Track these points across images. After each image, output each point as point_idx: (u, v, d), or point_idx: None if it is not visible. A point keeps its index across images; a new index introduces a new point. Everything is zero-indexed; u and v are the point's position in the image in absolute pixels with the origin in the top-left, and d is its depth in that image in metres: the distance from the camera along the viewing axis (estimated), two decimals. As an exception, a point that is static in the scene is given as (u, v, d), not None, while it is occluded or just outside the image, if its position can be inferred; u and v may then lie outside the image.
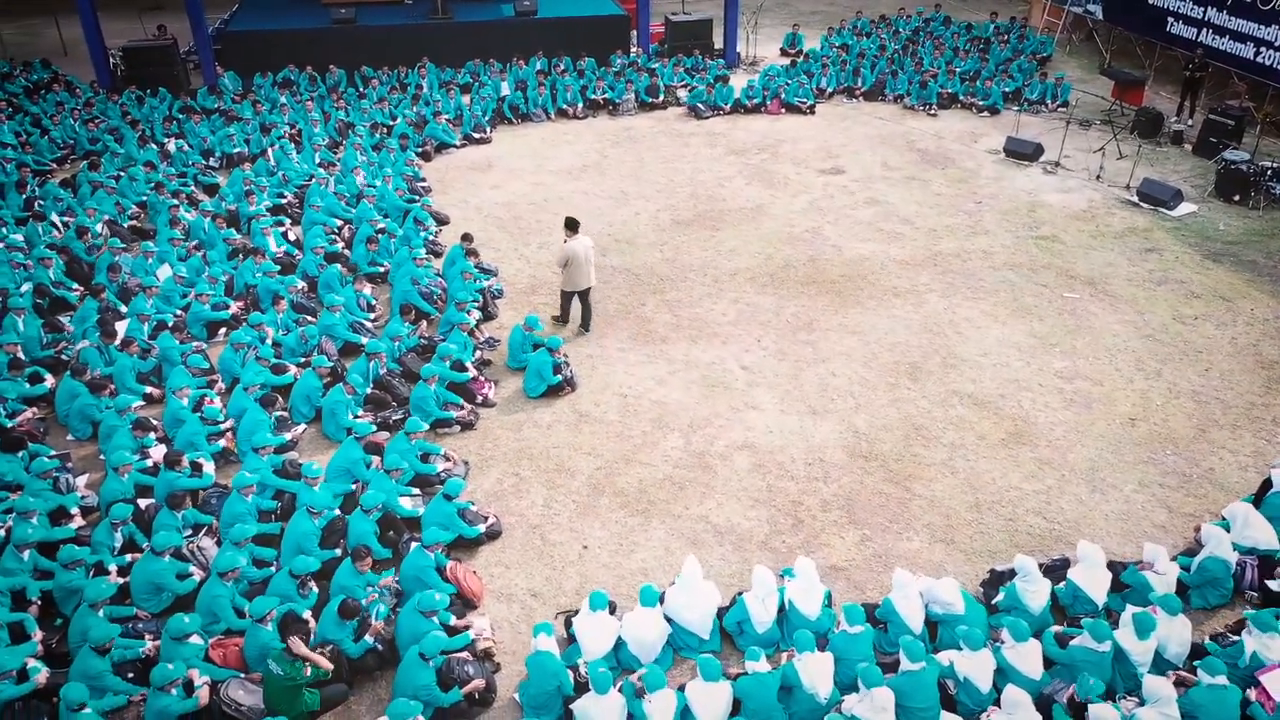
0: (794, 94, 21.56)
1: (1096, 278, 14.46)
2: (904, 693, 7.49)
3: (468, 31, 23.29)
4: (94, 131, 18.61)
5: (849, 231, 15.97)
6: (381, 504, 9.22)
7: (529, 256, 15.11)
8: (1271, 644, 7.74)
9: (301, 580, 8.51)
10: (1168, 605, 8.05)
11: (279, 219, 15.30)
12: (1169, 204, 16.53)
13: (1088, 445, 10.87)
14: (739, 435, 11.10)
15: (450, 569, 8.83)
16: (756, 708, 7.50)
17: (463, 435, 11.14)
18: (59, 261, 13.68)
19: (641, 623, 8.08)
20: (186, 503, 9.25)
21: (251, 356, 11.50)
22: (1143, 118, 19.72)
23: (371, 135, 18.75)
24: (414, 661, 7.66)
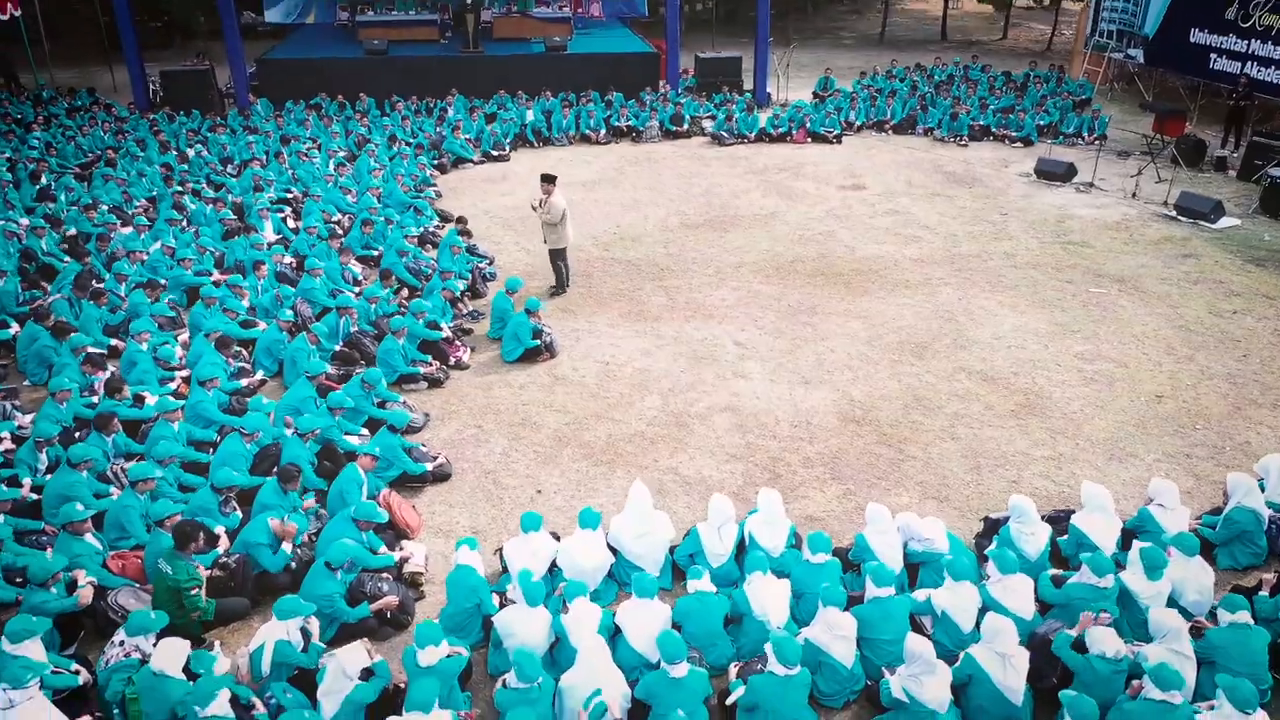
0: (820, 123, 21.20)
1: (1127, 276, 13.52)
2: (869, 622, 6.53)
3: (499, 65, 23.52)
4: (121, 142, 18.87)
5: (864, 235, 15.29)
6: (319, 430, 8.58)
7: (529, 249, 14.66)
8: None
9: (224, 497, 7.88)
10: (1183, 544, 6.98)
11: (280, 207, 15.11)
12: (1209, 216, 15.58)
13: (1107, 418, 9.85)
14: (723, 399, 10.31)
15: (384, 496, 8.10)
16: (698, 631, 6.57)
17: (429, 392, 10.51)
18: (53, 234, 13.56)
19: (579, 548, 7.24)
20: (116, 426, 8.67)
21: (216, 307, 11.07)
22: (1184, 145, 18.90)
23: (389, 148, 18.71)
24: (319, 571, 6.92)
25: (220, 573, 7.07)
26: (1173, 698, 5.65)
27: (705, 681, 6.09)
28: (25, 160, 17.29)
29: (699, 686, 5.99)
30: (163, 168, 17.10)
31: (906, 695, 5.92)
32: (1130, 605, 6.75)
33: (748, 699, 6.05)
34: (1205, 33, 21.66)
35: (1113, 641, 6.03)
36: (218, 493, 7.86)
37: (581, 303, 12.78)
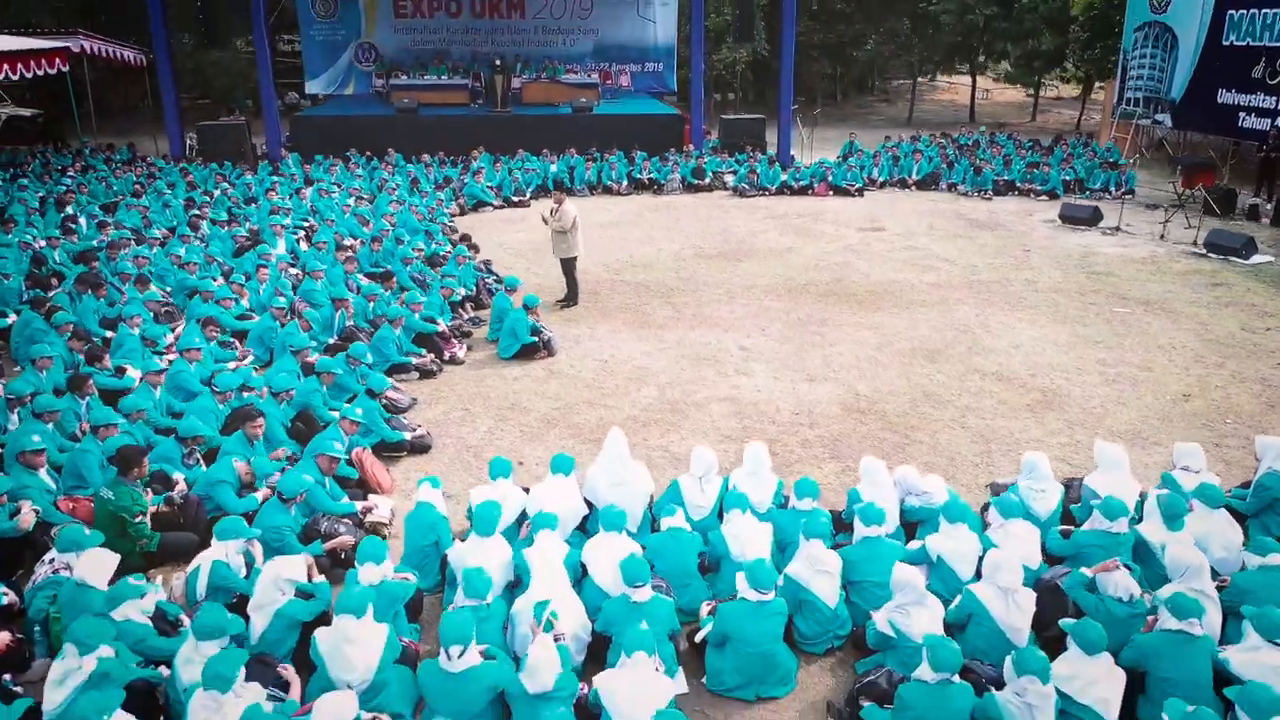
0: (842, 177, 21.15)
1: (1153, 300, 13.02)
2: (855, 563, 6.00)
3: (525, 124, 23.94)
4: (151, 183, 19.26)
5: (880, 265, 14.98)
6: (292, 390, 8.29)
7: (539, 272, 14.49)
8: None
9: (189, 449, 7.56)
10: (1206, 495, 6.36)
11: (296, 230, 15.18)
12: (1241, 252, 15.09)
13: (1129, 413, 9.28)
14: (722, 391, 9.89)
15: (357, 453, 7.72)
16: (670, 570, 6.06)
17: (420, 381, 10.20)
18: (67, 244, 13.67)
19: (549, 495, 6.75)
20: (91, 388, 8.41)
21: (213, 300, 10.96)
22: (1214, 194, 18.52)
23: (410, 190, 18.88)
24: (272, 503, 6.51)
25: (166, 507, 6.70)
26: (1191, 627, 5.04)
27: (670, 611, 5.55)
28: (55, 194, 17.64)
29: (663, 614, 5.46)
30: (186, 202, 17.34)
31: (894, 629, 5.35)
32: (1149, 559, 6.13)
33: (717, 630, 5.51)
34: (1233, 92, 21.52)
35: (1126, 583, 5.44)
36: (182, 443, 7.55)
37: (585, 314, 12.53)
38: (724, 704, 5.45)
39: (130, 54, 25.55)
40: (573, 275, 12.91)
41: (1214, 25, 22.00)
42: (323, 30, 29.23)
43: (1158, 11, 23.93)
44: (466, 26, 29.63)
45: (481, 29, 29.58)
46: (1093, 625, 4.95)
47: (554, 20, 29.82)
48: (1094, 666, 4.83)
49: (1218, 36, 21.93)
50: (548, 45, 29.66)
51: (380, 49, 29.28)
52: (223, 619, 4.96)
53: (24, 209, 16.01)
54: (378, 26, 29.43)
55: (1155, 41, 24.13)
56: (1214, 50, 22.07)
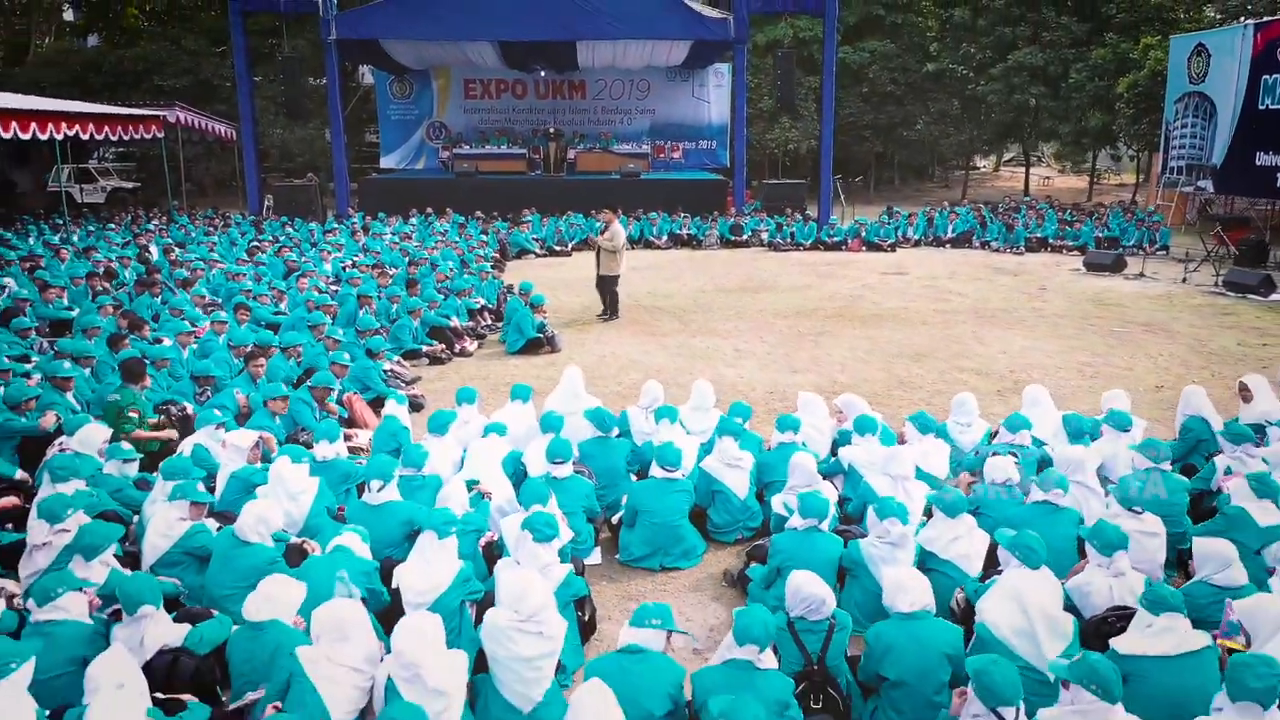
0: (875, 233, 21.77)
1: (1155, 323, 13.22)
2: (770, 465, 6.53)
3: (576, 188, 25.28)
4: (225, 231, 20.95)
5: (894, 298, 15.45)
6: (300, 347, 9.17)
7: (570, 301, 15.32)
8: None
9: (201, 388, 8.45)
10: (1115, 420, 6.72)
11: (345, 259, 16.39)
12: (1259, 290, 15.17)
13: (1096, 399, 9.44)
14: (707, 377, 10.40)
15: (349, 398, 8.52)
16: (599, 470, 6.65)
17: (428, 366, 11.03)
18: (137, 265, 15.07)
19: (508, 419, 7.41)
20: (125, 344, 9.42)
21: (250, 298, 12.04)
22: (1245, 247, 18.59)
23: (457, 233, 20.13)
24: (260, 411, 7.31)
25: (161, 417, 7.54)
26: (1055, 497, 5.40)
27: (589, 490, 6.12)
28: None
29: (580, 491, 6.02)
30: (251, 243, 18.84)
31: (787, 509, 5.79)
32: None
33: (629, 506, 6.04)
34: (1270, 154, 21.62)
35: (1007, 470, 5.81)
36: (196, 382, 8.45)
37: (596, 328, 13.24)
38: (632, 573, 5.94)
39: (222, 128, 27.91)
40: (614, 292, 13.72)
41: (1250, 91, 22.27)
42: (398, 110, 31.44)
43: (1196, 82, 24.31)
44: (531, 106, 31.50)
45: (544, 109, 31.40)
46: (953, 492, 5.35)
47: (613, 100, 31.50)
48: (955, 527, 5.20)
49: (1254, 102, 22.18)
50: (607, 123, 31.27)
51: (450, 127, 31.27)
52: (188, 463, 5.71)
53: (106, 244, 17.66)
54: (449, 107, 31.49)
55: (1195, 111, 24.43)
56: (1250, 115, 22.27)
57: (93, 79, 32.34)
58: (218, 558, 4.96)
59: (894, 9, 34.15)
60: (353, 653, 3.85)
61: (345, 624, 3.89)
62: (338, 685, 3.75)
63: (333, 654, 3.80)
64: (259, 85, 31.38)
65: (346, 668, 3.80)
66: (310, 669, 3.74)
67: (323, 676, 3.73)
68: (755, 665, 3.87)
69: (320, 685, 3.70)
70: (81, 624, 4.17)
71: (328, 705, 3.66)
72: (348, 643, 3.86)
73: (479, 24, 22.99)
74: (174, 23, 36.05)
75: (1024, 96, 31.10)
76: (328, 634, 3.85)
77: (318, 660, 3.78)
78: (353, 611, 3.99)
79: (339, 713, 3.70)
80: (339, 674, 3.77)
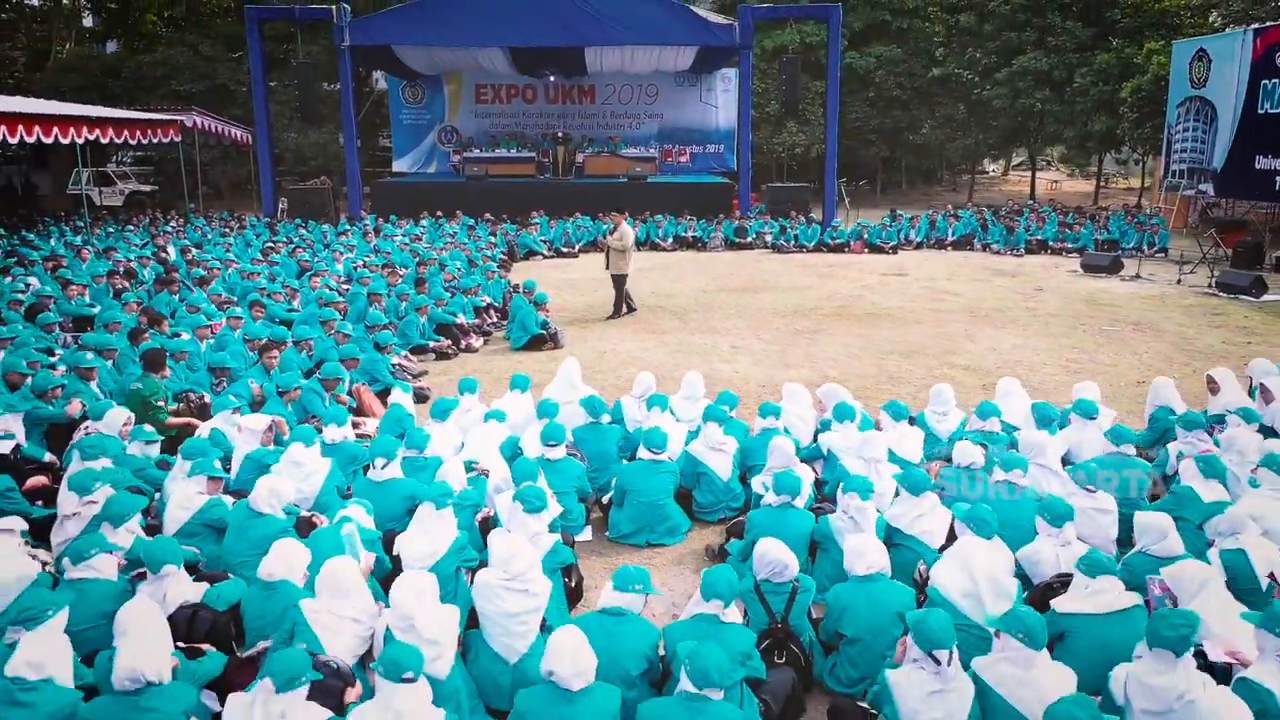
0: (877, 235, 22.11)
1: (1145, 321, 13.53)
2: (753, 450, 6.86)
3: (584, 191, 25.74)
4: (240, 233, 21.46)
5: (891, 297, 15.80)
6: (311, 340, 9.60)
7: (574, 300, 15.74)
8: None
9: (218, 379, 8.88)
10: (1081, 408, 7.07)
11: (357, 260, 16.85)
12: (1251, 291, 15.45)
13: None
14: (702, 371, 10.79)
15: (358, 388, 8.93)
16: (591, 454, 7.01)
17: (436, 361, 11.44)
18: (156, 266, 15.56)
19: (508, 406, 7.80)
20: (146, 337, 9.89)
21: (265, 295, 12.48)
22: (1241, 249, 18.86)
23: (466, 235, 20.58)
24: (273, 399, 7.73)
25: (179, 403, 7.97)
26: (1015, 478, 5.75)
27: (581, 470, 6.50)
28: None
29: (573, 472, 6.41)
30: (266, 244, 19.33)
31: (765, 489, 6.15)
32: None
33: (618, 486, 6.42)
34: (1269, 158, 21.85)
35: (972, 454, 6.16)
36: (213, 373, 8.88)
37: (601, 324, 13.66)
38: (620, 549, 6.32)
39: (238, 132, 28.49)
40: (624, 290, 14.16)
41: (1250, 95, 22.53)
42: (411, 115, 31.98)
43: (1197, 86, 24.57)
44: (541, 111, 31.99)
45: (554, 113, 31.87)
46: (917, 471, 5.72)
47: (622, 105, 31.95)
48: (919, 505, 5.55)
49: (1253, 106, 22.43)
50: (615, 128, 31.71)
51: (461, 131, 31.78)
52: (205, 444, 6.13)
53: (126, 245, 18.19)
54: (460, 111, 32.03)
55: (1196, 115, 24.68)
56: (1250, 119, 22.53)
57: (112, 84, 32.98)
58: (233, 528, 5.37)
59: (900, 14, 34.49)
60: (351, 606, 4.24)
61: (344, 581, 4.28)
62: (337, 634, 4.14)
63: (332, 606, 4.20)
64: (274, 90, 31.98)
65: (346, 619, 4.20)
66: (311, 619, 4.14)
67: (323, 625, 4.13)
68: (720, 619, 4.25)
69: (320, 634, 4.09)
70: (111, 581, 4.59)
71: (327, 651, 4.05)
72: (347, 598, 4.25)
73: (489, 30, 23.49)
74: (191, 29, 36.68)
75: (1029, 101, 31.36)
76: (328, 589, 4.25)
77: (319, 611, 4.18)
78: (351, 570, 4.38)
79: (335, 655, 4.07)
80: (338, 624, 4.17)
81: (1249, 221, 20.83)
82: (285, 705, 3.43)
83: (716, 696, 3.72)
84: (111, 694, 3.56)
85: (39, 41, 37.22)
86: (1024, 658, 3.77)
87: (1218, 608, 4.23)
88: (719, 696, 3.73)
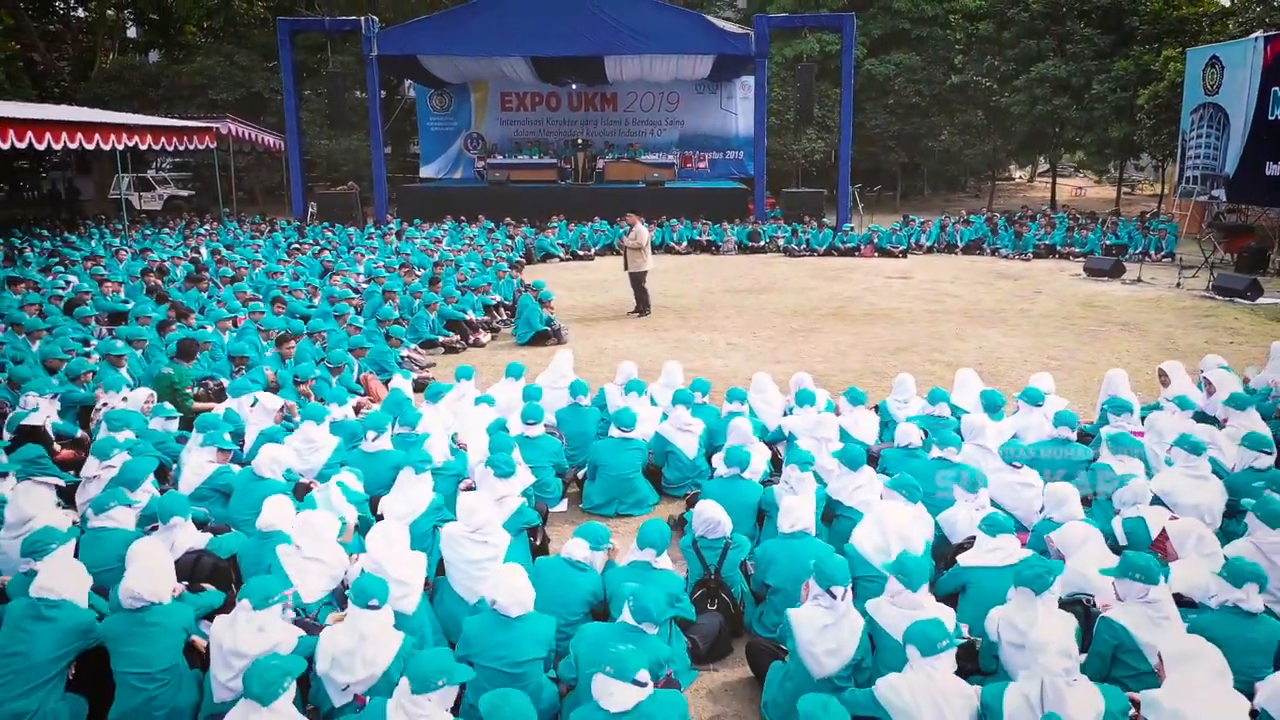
0: (888, 239, 22.54)
1: (1133, 323, 13.90)
2: (717, 430, 7.38)
3: (602, 196, 26.41)
4: (270, 235, 22.33)
5: (891, 299, 16.25)
6: (325, 333, 10.28)
7: (585, 300, 16.36)
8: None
9: (237, 367, 9.58)
10: (1028, 396, 7.56)
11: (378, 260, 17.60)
12: (1246, 294, 15.73)
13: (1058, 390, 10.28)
14: (695, 366, 11.38)
15: (365, 376, 9.59)
16: (572, 434, 7.60)
17: (444, 355, 12.10)
18: (188, 265, 16.40)
19: (499, 391, 8.41)
20: (173, 329, 10.63)
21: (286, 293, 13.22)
22: (1245, 254, 19.09)
23: (486, 239, 21.29)
24: (287, 386, 8.40)
25: (200, 388, 8.68)
26: (950, 455, 6.27)
27: (557, 446, 7.10)
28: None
29: (550, 448, 7.00)
30: (292, 245, 20.15)
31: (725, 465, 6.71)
32: (975, 445, 7.30)
33: (590, 461, 7.01)
34: (1278, 165, 22.05)
35: (911, 434, 6.68)
36: (233, 361, 9.59)
37: (604, 322, 14.27)
38: (592, 519, 6.89)
39: (271, 139, 29.47)
40: (643, 287, 14.77)
41: (1260, 101, 22.71)
42: (438, 122, 32.84)
43: (1210, 93, 24.75)
44: (564, 118, 32.71)
45: (577, 120, 32.59)
46: (855, 447, 6.25)
47: (644, 112, 32.59)
48: (856, 478, 6.08)
49: (1264, 112, 22.61)
50: (637, 135, 32.35)
51: (487, 138, 32.58)
52: (218, 419, 6.81)
53: (161, 246, 19.09)
54: (486, 119, 32.82)
55: (1209, 121, 24.86)
56: (1261, 125, 22.70)
57: (151, 93, 34.16)
58: (238, 490, 6.03)
59: (919, 23, 34.84)
60: (321, 552, 4.85)
61: (318, 529, 4.90)
62: (305, 574, 4.76)
63: (305, 550, 4.82)
64: (307, 99, 33.04)
65: (312, 560, 4.81)
66: (285, 560, 4.77)
67: (293, 566, 4.75)
68: (652, 565, 4.82)
69: (291, 573, 4.71)
70: (127, 530, 5.24)
71: (298, 589, 4.66)
72: (317, 544, 4.86)
73: (510, 40, 24.23)
74: (229, 39, 37.85)
75: (1047, 108, 31.57)
76: (302, 535, 4.87)
77: (291, 554, 4.81)
78: (326, 521, 5.00)
79: (306, 594, 4.68)
80: (306, 565, 4.78)
81: (1257, 226, 21.00)
82: (262, 620, 4.05)
83: (651, 631, 4.29)
84: (121, 612, 4.20)
85: (85, 52, 38.57)
86: (906, 598, 4.30)
87: (1096, 561, 4.72)
88: (653, 631, 4.30)
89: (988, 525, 4.97)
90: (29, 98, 30.48)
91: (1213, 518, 5.78)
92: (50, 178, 36.06)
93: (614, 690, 3.56)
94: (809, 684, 4.20)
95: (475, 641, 4.26)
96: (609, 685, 3.58)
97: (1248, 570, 4.24)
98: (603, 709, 3.56)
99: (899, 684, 3.75)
